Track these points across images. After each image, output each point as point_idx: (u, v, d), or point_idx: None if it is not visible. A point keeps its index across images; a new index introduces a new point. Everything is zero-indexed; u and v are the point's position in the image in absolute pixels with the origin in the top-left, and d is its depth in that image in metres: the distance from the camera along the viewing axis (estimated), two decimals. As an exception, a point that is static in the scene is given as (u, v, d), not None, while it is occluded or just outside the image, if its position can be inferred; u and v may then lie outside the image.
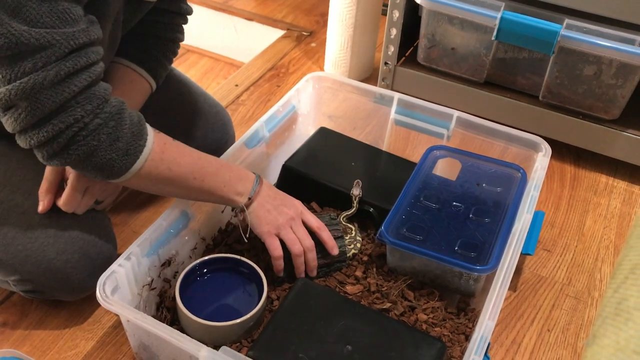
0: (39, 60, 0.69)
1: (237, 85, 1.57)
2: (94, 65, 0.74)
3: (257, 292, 0.92)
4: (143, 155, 0.79)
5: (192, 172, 0.85)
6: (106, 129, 0.75)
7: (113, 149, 0.76)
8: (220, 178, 0.87)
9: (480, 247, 0.95)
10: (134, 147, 0.78)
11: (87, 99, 0.73)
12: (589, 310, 1.06)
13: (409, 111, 1.17)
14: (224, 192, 0.88)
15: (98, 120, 0.74)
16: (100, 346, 0.95)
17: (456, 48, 1.37)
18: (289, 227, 0.92)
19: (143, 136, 0.79)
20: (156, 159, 0.81)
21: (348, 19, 1.49)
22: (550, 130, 1.34)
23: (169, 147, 0.83)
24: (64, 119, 0.72)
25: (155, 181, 0.83)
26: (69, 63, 0.70)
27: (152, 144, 0.80)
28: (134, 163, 0.79)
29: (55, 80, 0.70)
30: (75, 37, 0.70)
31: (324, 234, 0.95)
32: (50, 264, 0.88)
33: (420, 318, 0.92)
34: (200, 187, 0.86)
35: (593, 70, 1.25)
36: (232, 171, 0.89)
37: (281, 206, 0.92)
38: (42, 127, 0.72)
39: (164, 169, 0.82)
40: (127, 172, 0.79)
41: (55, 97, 0.71)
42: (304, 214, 0.94)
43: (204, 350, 0.74)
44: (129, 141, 0.77)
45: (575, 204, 1.28)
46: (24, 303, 1.00)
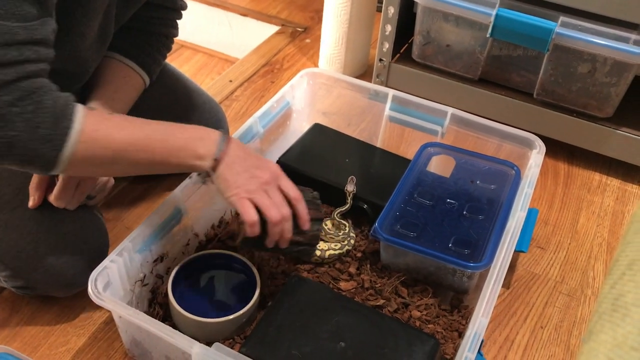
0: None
1: (232, 80, 1.57)
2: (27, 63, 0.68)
3: (250, 289, 0.91)
4: (71, 140, 0.71)
5: (133, 144, 0.75)
6: (24, 116, 0.68)
7: (35, 137, 0.69)
8: (172, 143, 0.78)
9: (474, 244, 0.95)
10: (58, 132, 0.70)
11: (8, 91, 0.67)
12: (582, 307, 1.06)
13: (403, 108, 1.17)
14: (181, 158, 0.79)
15: (15, 109, 0.67)
16: (92, 342, 0.94)
17: (451, 45, 1.37)
18: (263, 191, 0.81)
19: (67, 117, 0.71)
20: (88, 140, 0.72)
21: (343, 15, 1.48)
22: (544, 128, 1.34)
23: (104, 124, 0.74)
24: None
25: (97, 164, 0.76)
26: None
27: (81, 125, 0.71)
28: (62, 149, 0.71)
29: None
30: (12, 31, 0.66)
31: (300, 206, 0.84)
32: (42, 260, 0.87)
33: (413, 315, 0.92)
34: (152, 158, 0.77)
35: (587, 68, 1.25)
36: (187, 132, 0.79)
37: (254, 168, 0.81)
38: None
39: (100, 149, 0.73)
40: (59, 161, 0.71)
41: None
42: (281, 180, 0.84)
43: (196, 346, 0.74)
44: (51, 126, 0.69)
45: (568, 201, 1.29)
46: (15, 299, 0.99)
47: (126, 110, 1.00)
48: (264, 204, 0.80)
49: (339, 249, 0.99)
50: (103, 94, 0.96)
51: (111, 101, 0.96)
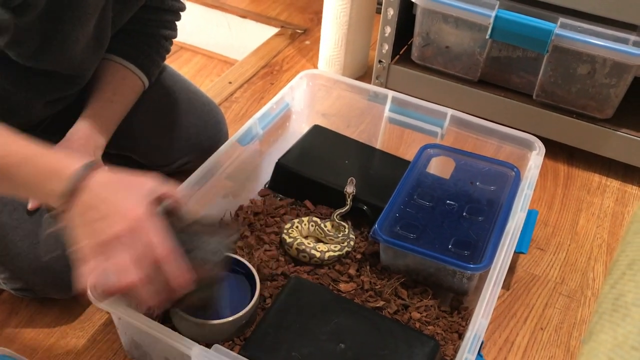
0: None
1: (231, 82, 1.57)
2: None
3: (249, 290, 0.91)
4: None
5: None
6: None
7: None
8: (16, 175, 0.65)
9: (474, 245, 0.95)
10: None
11: None
12: (582, 309, 1.06)
13: (403, 109, 1.17)
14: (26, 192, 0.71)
15: None
16: (92, 344, 0.94)
17: (450, 46, 1.37)
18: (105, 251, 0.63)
19: None
20: None
21: (342, 16, 1.48)
22: (544, 129, 1.34)
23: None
24: None
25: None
26: None
27: None
28: None
29: None
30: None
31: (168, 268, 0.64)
32: (41, 262, 0.87)
33: (413, 316, 0.92)
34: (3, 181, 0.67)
35: (587, 69, 1.25)
36: (39, 164, 0.65)
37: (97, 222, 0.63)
38: None
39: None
40: None
41: None
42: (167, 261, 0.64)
43: (196, 348, 0.74)
44: None
45: (568, 203, 1.29)
46: (14, 301, 0.99)
47: (125, 112, 1.00)
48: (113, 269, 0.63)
49: (338, 251, 0.99)
50: (101, 96, 0.96)
51: (110, 103, 0.96)
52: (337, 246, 1.00)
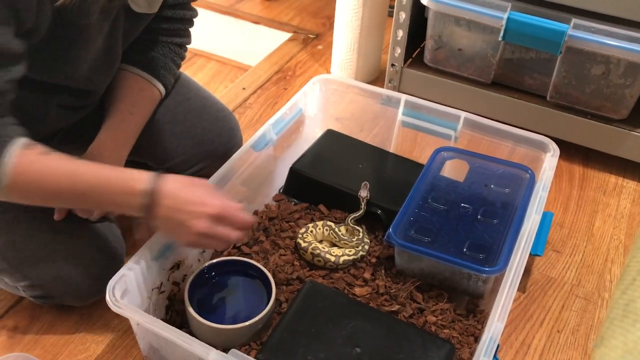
0: None
1: (245, 88, 1.58)
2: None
3: (265, 295, 0.92)
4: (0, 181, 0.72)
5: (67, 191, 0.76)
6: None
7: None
8: (99, 196, 0.77)
9: (489, 248, 0.94)
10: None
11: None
12: (599, 311, 1.05)
13: (416, 112, 1.17)
14: (113, 208, 0.81)
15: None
16: (111, 349, 0.95)
17: (463, 49, 1.37)
18: (203, 238, 0.79)
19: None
20: (20, 180, 0.73)
21: (354, 21, 1.49)
22: (558, 131, 1.34)
23: (36, 167, 0.74)
24: None
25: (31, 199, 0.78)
26: None
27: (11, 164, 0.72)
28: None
29: None
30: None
31: None
32: (59, 270, 0.88)
33: (429, 320, 0.92)
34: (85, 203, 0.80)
35: (601, 69, 1.25)
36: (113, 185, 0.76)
37: (190, 220, 0.78)
38: None
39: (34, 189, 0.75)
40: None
41: None
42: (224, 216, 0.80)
43: (213, 353, 0.75)
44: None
45: (584, 204, 1.28)
46: (35, 307, 1.00)
47: (144, 123, 1.01)
48: (210, 247, 0.86)
49: (353, 255, 1.00)
50: (121, 109, 0.97)
51: (129, 115, 0.98)
52: (352, 250, 1.00)
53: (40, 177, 0.75)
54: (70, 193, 0.77)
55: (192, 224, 0.78)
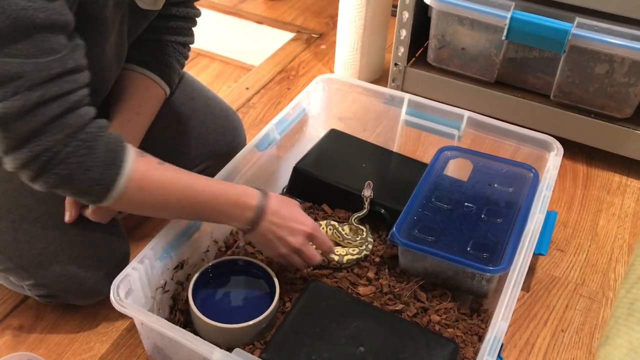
0: (9, 90, 0.68)
1: (248, 88, 1.58)
2: (69, 94, 0.72)
3: (269, 294, 0.92)
4: (118, 184, 0.76)
5: (179, 201, 0.81)
6: (76, 158, 0.73)
7: (86, 178, 0.74)
8: (213, 207, 0.83)
9: (493, 247, 0.94)
10: (107, 177, 0.75)
11: (58, 128, 0.71)
12: (603, 310, 1.05)
13: (419, 112, 1.17)
14: (220, 219, 0.85)
15: (68, 149, 0.72)
16: (115, 349, 0.96)
17: (466, 48, 1.37)
18: (293, 254, 0.89)
19: (117, 164, 0.75)
20: (135, 187, 0.77)
21: (358, 20, 1.49)
22: (562, 130, 1.33)
23: (151, 175, 0.79)
24: (34, 148, 0.71)
25: (141, 207, 0.81)
26: (37, 93, 0.69)
27: (129, 173, 0.76)
28: (109, 192, 0.76)
29: (22, 110, 0.69)
30: (48, 66, 0.69)
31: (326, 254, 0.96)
32: (64, 269, 0.89)
33: (433, 319, 0.92)
34: (192, 214, 0.85)
35: (605, 68, 1.24)
36: (229, 200, 0.84)
37: (286, 236, 0.87)
38: (16, 154, 0.72)
39: (147, 197, 0.79)
40: (106, 200, 0.77)
41: (24, 126, 0.70)
42: (314, 236, 0.90)
43: (217, 352, 0.75)
44: (102, 170, 0.74)
45: (588, 203, 1.28)
46: (39, 307, 1.01)
47: (150, 122, 1.01)
48: (294, 264, 0.92)
49: (357, 254, 1.00)
50: (127, 109, 0.97)
51: (136, 116, 0.98)
52: (356, 249, 1.00)
53: (157, 186, 0.79)
54: (184, 203, 0.82)
55: (289, 240, 0.87)
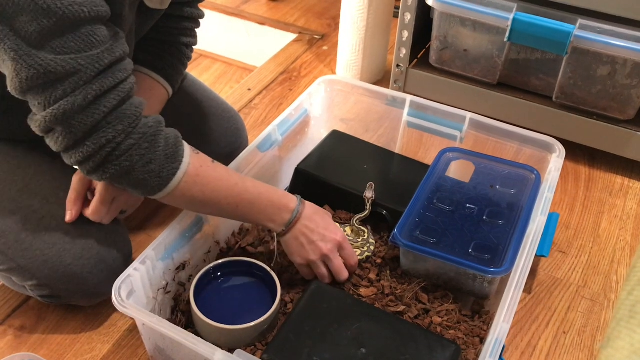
0: (68, 86, 0.71)
1: (250, 89, 1.58)
2: (122, 83, 0.75)
3: (270, 295, 0.92)
4: (176, 178, 0.80)
5: (226, 198, 0.85)
6: (139, 151, 0.76)
7: (146, 170, 0.78)
8: (255, 207, 0.87)
9: (495, 249, 0.94)
10: (167, 170, 0.79)
11: (118, 119, 0.75)
12: (605, 312, 1.05)
13: (421, 113, 1.17)
14: (259, 219, 0.89)
15: (130, 141, 0.76)
16: (116, 350, 0.96)
17: (468, 50, 1.37)
18: (321, 262, 0.92)
19: (177, 158, 0.80)
20: (190, 182, 0.81)
21: (360, 22, 1.49)
22: (564, 131, 1.33)
23: (205, 171, 0.83)
24: (96, 140, 0.74)
25: (189, 201, 0.84)
26: (96, 86, 0.72)
27: (187, 167, 0.80)
28: (167, 184, 0.80)
29: (84, 104, 0.72)
30: (100, 58, 0.72)
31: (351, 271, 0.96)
32: (67, 269, 0.89)
33: (434, 321, 0.92)
34: (235, 212, 0.87)
35: (607, 70, 1.24)
36: (271, 200, 0.88)
37: (318, 241, 0.90)
38: (78, 148, 0.75)
39: (197, 192, 0.83)
40: (161, 192, 0.81)
41: (86, 120, 0.73)
42: (343, 247, 0.93)
43: (218, 353, 0.75)
44: (163, 163, 0.78)
45: (590, 205, 1.27)
46: (41, 307, 1.01)
47: None
48: (319, 274, 0.93)
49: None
50: None
51: None
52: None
53: (209, 182, 0.83)
54: (231, 200, 0.85)
55: (320, 245, 0.90)
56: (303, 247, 0.90)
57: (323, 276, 0.92)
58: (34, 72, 0.69)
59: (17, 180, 0.92)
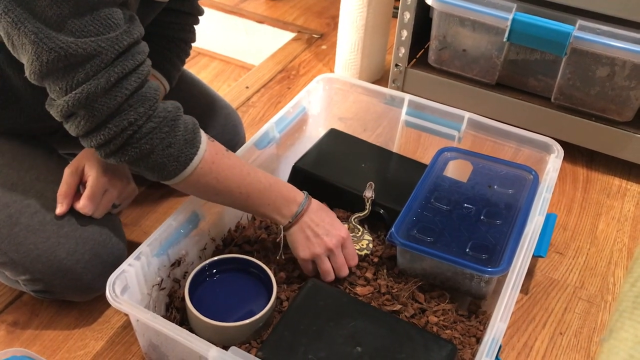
0: (90, 70, 0.71)
1: (248, 87, 1.58)
2: (142, 65, 0.76)
3: (266, 293, 0.91)
4: (193, 163, 0.80)
5: (238, 187, 0.86)
6: (159, 134, 0.77)
7: (165, 154, 0.78)
8: (265, 197, 0.88)
9: (492, 249, 0.94)
10: (185, 154, 0.79)
11: (139, 101, 0.75)
12: (602, 314, 1.05)
13: (419, 112, 1.16)
14: (267, 210, 0.89)
15: (151, 124, 0.76)
16: (110, 346, 0.95)
17: (467, 50, 1.37)
18: (325, 256, 0.92)
19: (195, 144, 0.80)
20: (205, 168, 0.82)
21: (359, 21, 1.49)
22: (562, 132, 1.33)
23: (220, 158, 0.83)
24: (119, 122, 0.74)
25: (202, 188, 0.85)
26: (118, 68, 0.72)
27: (203, 153, 0.81)
28: (184, 169, 0.80)
29: (107, 87, 0.72)
30: (119, 40, 0.72)
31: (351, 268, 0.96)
32: (61, 264, 0.88)
33: (430, 320, 0.91)
34: (245, 201, 0.87)
35: (606, 71, 1.24)
36: (280, 192, 0.89)
37: (323, 235, 0.91)
38: (100, 131, 0.75)
39: (212, 179, 0.83)
40: (177, 177, 0.81)
41: (109, 103, 0.73)
42: (346, 245, 0.93)
43: (213, 350, 0.74)
44: (181, 148, 0.79)
45: (588, 206, 1.27)
46: (34, 303, 1.00)
47: None
48: (323, 269, 0.92)
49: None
50: None
51: None
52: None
53: (223, 169, 0.83)
54: (243, 190, 0.86)
55: (325, 240, 0.90)
56: (309, 239, 0.90)
57: (327, 272, 0.92)
58: (55, 55, 0.69)
59: (11, 174, 0.91)
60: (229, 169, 0.84)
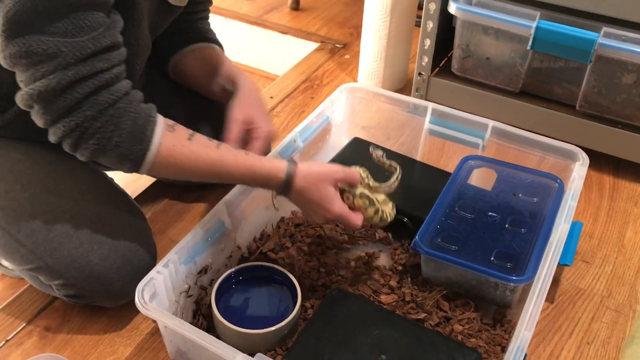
0: (47, 69, 0.73)
1: (272, 97, 1.59)
2: (102, 72, 0.76)
3: (291, 301, 0.92)
4: (147, 159, 0.80)
5: (207, 173, 0.85)
6: (104, 134, 0.77)
7: (116, 153, 0.79)
8: (238, 179, 0.88)
9: (517, 257, 0.94)
10: (135, 152, 0.79)
11: (89, 105, 0.76)
12: (630, 323, 1.03)
13: (443, 121, 1.16)
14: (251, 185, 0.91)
15: (97, 125, 0.76)
16: (138, 352, 0.97)
17: (491, 58, 1.37)
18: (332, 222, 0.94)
19: (145, 140, 0.79)
20: (163, 162, 0.82)
21: (382, 30, 1.50)
22: (588, 140, 1.32)
23: (178, 150, 0.82)
24: (68, 123, 0.76)
25: (172, 175, 0.86)
26: (71, 72, 0.73)
27: (156, 148, 0.80)
28: (141, 165, 0.81)
29: (58, 88, 0.74)
30: (82, 47, 0.73)
31: None
32: (94, 269, 0.90)
33: (455, 329, 0.91)
34: (221, 180, 0.88)
35: (632, 78, 1.23)
36: (255, 175, 0.86)
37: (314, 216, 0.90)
38: (54, 128, 0.77)
39: (175, 170, 0.83)
40: (139, 171, 0.82)
41: (60, 103, 0.75)
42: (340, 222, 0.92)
43: (239, 357, 0.75)
44: (129, 146, 0.79)
45: (614, 214, 1.26)
46: (66, 309, 1.03)
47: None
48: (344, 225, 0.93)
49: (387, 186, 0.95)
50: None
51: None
52: (389, 204, 0.96)
53: (184, 160, 0.83)
54: (212, 176, 0.86)
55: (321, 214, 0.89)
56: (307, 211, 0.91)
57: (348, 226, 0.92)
58: (17, 50, 0.72)
59: (48, 181, 0.94)
60: (189, 161, 0.83)
